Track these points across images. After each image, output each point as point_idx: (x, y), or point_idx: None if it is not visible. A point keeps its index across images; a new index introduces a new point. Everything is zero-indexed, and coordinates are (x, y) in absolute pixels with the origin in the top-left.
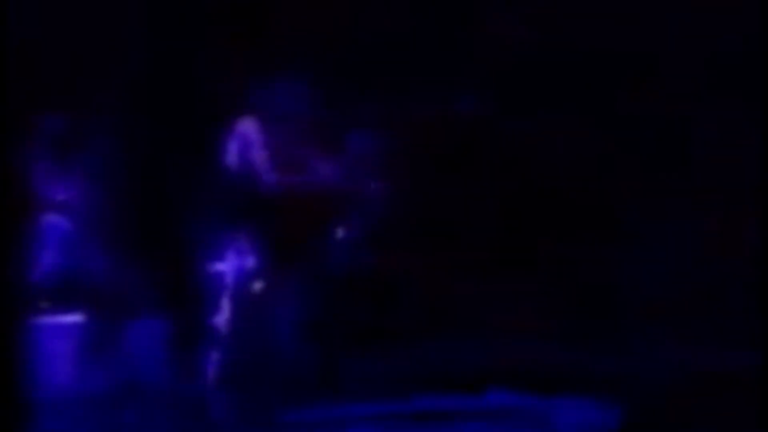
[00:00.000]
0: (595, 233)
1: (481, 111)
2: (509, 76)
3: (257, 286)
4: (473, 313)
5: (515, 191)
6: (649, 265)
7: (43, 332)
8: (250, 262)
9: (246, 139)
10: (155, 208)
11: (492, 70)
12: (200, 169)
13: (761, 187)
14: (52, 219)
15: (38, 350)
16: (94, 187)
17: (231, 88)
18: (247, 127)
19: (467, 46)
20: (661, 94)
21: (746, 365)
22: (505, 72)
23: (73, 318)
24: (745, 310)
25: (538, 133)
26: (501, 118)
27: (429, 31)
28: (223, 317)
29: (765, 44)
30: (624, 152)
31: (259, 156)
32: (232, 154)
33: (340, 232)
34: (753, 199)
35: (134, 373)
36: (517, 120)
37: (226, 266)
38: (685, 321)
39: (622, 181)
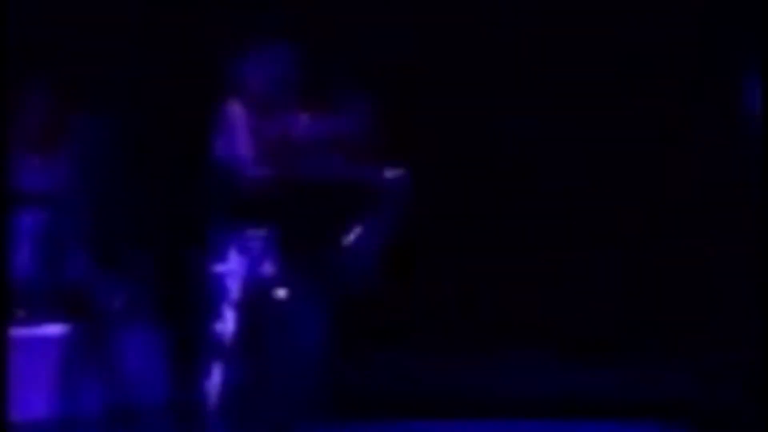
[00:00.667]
0: (593, 238)
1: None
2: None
3: (262, 289)
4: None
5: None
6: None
7: (19, 345)
8: (253, 262)
9: (235, 123)
10: (144, 203)
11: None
12: (190, 159)
13: (762, 187)
14: (30, 213)
15: (14, 366)
16: (76, 179)
17: (215, 68)
18: (234, 110)
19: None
20: (660, 94)
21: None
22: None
23: (55, 329)
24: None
25: (538, 133)
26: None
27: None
28: (224, 325)
29: (765, 46)
30: (623, 152)
31: (251, 142)
32: (222, 141)
33: (351, 228)
34: (754, 199)
35: (126, 391)
36: (517, 120)
37: (225, 268)
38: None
39: (622, 183)
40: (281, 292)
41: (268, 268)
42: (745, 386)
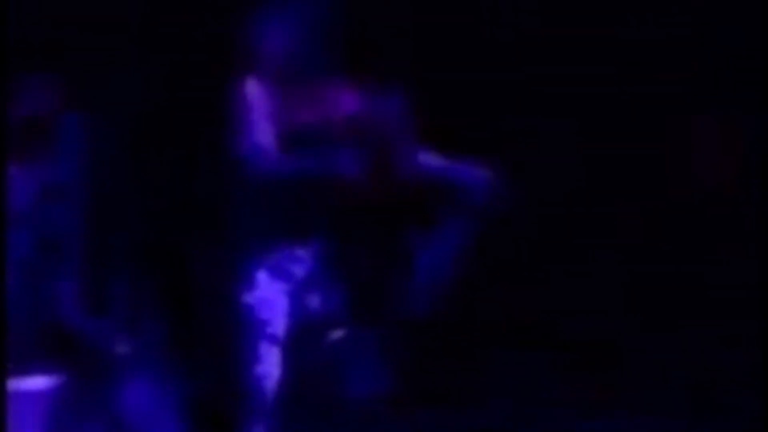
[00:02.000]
0: (593, 238)
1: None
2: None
3: (310, 324)
4: None
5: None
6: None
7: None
8: (295, 289)
9: (252, 106)
10: (153, 214)
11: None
12: (206, 157)
13: (762, 187)
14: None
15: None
16: (72, 184)
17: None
18: (252, 90)
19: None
20: (660, 94)
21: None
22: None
23: (46, 381)
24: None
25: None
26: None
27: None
28: (264, 368)
29: (765, 44)
30: (623, 152)
31: (277, 127)
32: (240, 130)
33: (416, 236)
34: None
35: None
36: (516, 119)
37: (256, 296)
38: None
39: (622, 184)
40: (336, 331)
41: (316, 297)
42: (745, 386)
